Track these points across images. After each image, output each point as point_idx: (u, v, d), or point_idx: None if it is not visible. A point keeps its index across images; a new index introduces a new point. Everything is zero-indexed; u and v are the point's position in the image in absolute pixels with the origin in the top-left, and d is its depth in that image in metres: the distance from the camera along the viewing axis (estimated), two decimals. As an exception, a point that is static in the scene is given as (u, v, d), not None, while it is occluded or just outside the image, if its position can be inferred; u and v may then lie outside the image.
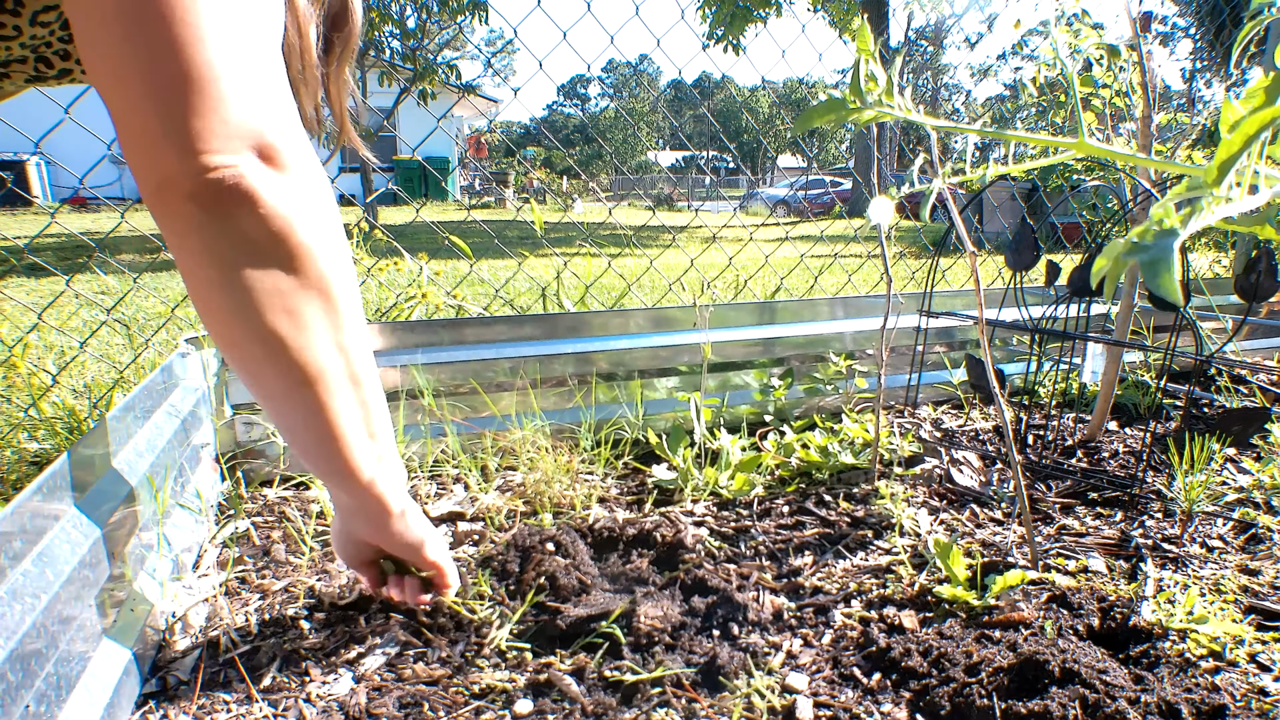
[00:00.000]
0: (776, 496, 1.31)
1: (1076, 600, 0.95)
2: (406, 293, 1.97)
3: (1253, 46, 0.96)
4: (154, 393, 1.05)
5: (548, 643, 0.88)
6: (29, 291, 3.57)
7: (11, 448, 1.36)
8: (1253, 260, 1.30)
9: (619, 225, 2.37)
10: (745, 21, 9.52)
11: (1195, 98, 15.34)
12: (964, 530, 1.20)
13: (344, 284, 0.66)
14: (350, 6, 0.78)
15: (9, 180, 1.53)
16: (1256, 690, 0.81)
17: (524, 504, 1.25)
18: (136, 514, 0.87)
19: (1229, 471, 1.43)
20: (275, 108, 0.59)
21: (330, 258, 0.64)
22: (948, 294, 1.86)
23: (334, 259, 0.64)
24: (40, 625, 0.62)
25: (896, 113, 0.49)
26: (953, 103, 46.49)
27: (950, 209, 1.04)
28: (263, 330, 0.60)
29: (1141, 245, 0.31)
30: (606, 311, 1.55)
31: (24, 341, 1.63)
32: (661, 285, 3.69)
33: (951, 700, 0.77)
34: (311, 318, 0.63)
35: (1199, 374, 2.09)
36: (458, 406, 1.44)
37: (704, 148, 40.94)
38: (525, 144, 38.15)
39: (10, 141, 11.58)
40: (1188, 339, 2.17)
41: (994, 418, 1.76)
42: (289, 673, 0.83)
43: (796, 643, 0.90)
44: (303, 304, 0.62)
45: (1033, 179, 6.42)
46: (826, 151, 42.36)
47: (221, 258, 0.58)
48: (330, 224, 0.65)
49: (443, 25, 11.09)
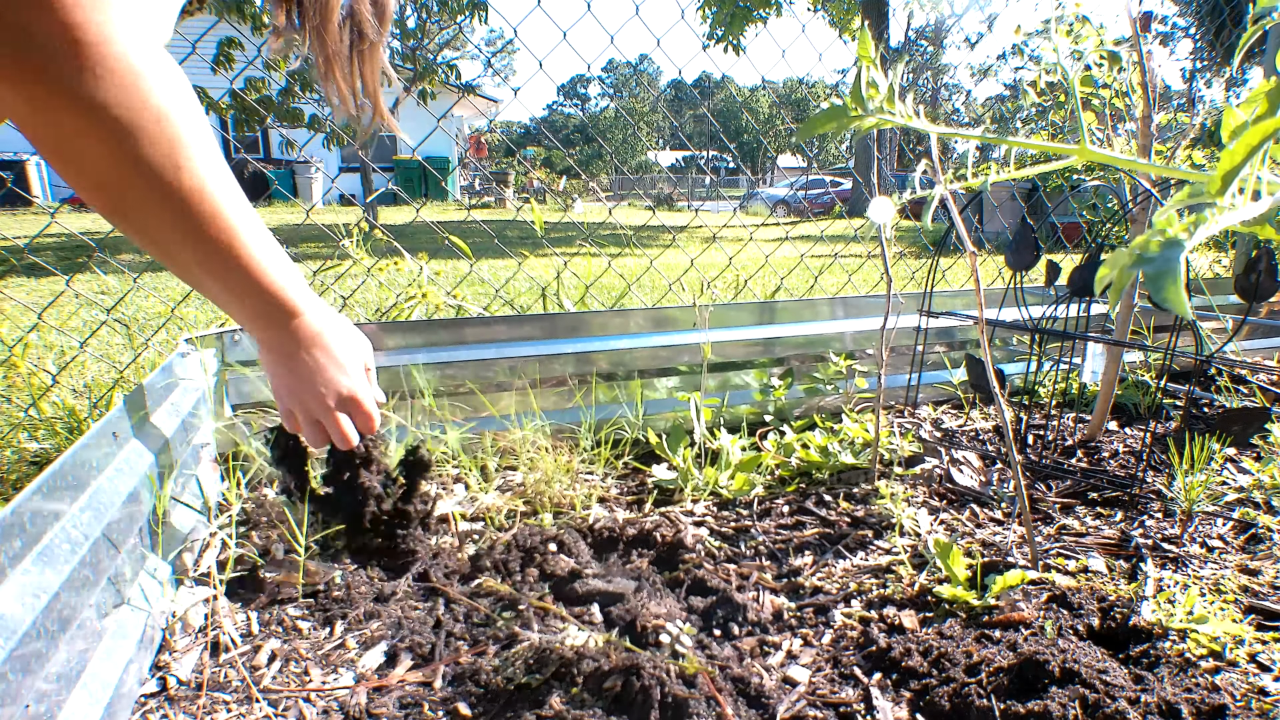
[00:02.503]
0: (776, 496, 1.31)
1: (1076, 600, 0.95)
2: (406, 293, 1.97)
3: (1256, 49, 0.96)
4: (154, 392, 1.05)
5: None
6: (29, 291, 3.57)
7: (11, 448, 1.36)
8: (1253, 260, 1.30)
9: (619, 225, 2.37)
10: (745, 21, 9.52)
11: (1195, 97, 15.34)
12: (964, 530, 1.20)
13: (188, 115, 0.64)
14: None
15: (9, 180, 1.53)
16: (1256, 690, 0.81)
17: (524, 504, 1.25)
18: (136, 514, 0.87)
19: (1229, 471, 1.43)
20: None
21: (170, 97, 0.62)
22: (948, 294, 1.86)
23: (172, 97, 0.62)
24: (40, 625, 0.62)
25: (898, 120, 0.49)
26: (953, 103, 46.48)
27: (950, 209, 1.04)
28: (98, 159, 0.59)
29: (1147, 257, 0.31)
30: (606, 311, 1.55)
31: (24, 341, 1.63)
32: (661, 285, 3.69)
33: (951, 700, 0.77)
34: (144, 133, 0.61)
35: (1199, 374, 2.09)
36: (458, 406, 1.44)
37: (704, 148, 40.92)
38: (525, 144, 38.14)
39: (10, 141, 11.58)
40: (1188, 339, 2.17)
41: (994, 418, 1.76)
42: (289, 673, 0.83)
43: (796, 642, 0.90)
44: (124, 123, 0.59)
45: (1033, 179, 6.42)
46: (827, 151, 42.35)
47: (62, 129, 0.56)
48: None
49: (443, 25, 11.09)
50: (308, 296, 0.81)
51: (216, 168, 0.67)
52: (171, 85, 0.62)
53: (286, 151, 11.58)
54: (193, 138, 0.64)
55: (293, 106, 6.15)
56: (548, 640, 0.84)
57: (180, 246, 0.68)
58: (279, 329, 0.80)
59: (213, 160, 0.66)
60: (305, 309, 0.80)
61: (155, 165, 0.62)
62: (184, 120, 0.63)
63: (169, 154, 0.62)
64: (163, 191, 0.63)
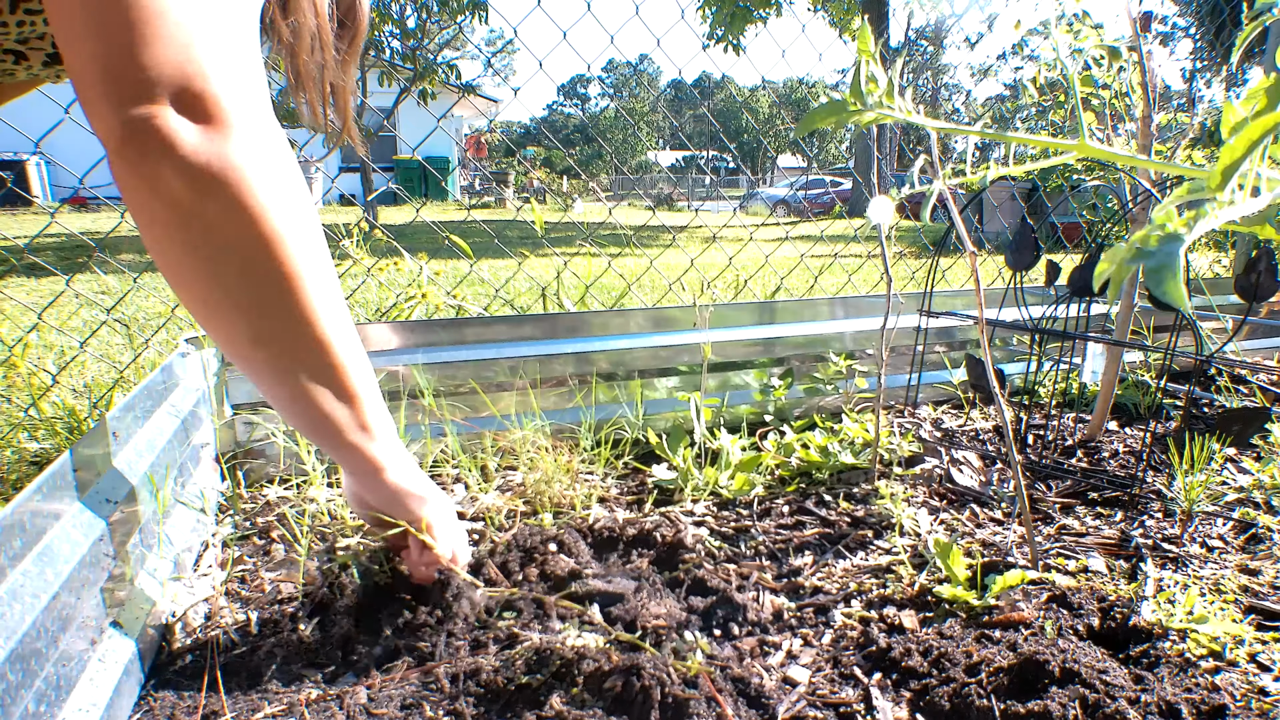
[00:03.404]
0: (776, 496, 1.31)
1: (1076, 600, 0.95)
2: (406, 292, 1.97)
3: (1255, 48, 0.96)
4: (154, 392, 1.05)
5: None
6: (29, 291, 3.57)
7: (11, 448, 1.35)
8: (1253, 260, 1.30)
9: (619, 225, 2.37)
10: (745, 21, 9.52)
11: (1195, 97, 15.33)
12: (964, 530, 1.20)
13: (305, 246, 0.63)
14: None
15: (9, 180, 1.53)
16: (1257, 690, 0.81)
17: (524, 504, 1.25)
18: (137, 514, 0.87)
19: (1229, 471, 1.43)
20: (217, 51, 0.53)
21: (287, 220, 0.60)
22: (948, 294, 1.86)
23: (291, 221, 0.61)
24: (40, 625, 0.62)
25: (897, 115, 0.49)
26: (952, 102, 46.47)
27: (950, 209, 1.04)
28: (210, 288, 0.58)
29: (1146, 251, 0.31)
30: (606, 311, 1.55)
31: (24, 341, 1.63)
32: (661, 285, 3.69)
33: (951, 700, 0.77)
34: (266, 275, 0.60)
35: (1199, 374, 2.09)
36: (458, 406, 1.44)
37: (704, 148, 40.90)
38: (525, 144, 38.14)
39: (10, 141, 11.58)
40: (1188, 339, 2.17)
41: (994, 417, 1.76)
42: (289, 672, 0.83)
43: (797, 642, 0.90)
44: (252, 262, 0.58)
45: (1033, 179, 6.42)
46: (826, 151, 42.33)
47: (153, 216, 0.54)
48: (290, 188, 0.62)
49: (443, 25, 11.09)
50: (392, 455, 0.81)
51: (306, 313, 0.64)
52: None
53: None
54: (296, 275, 0.62)
55: (292, 106, 6.15)
56: (548, 640, 0.84)
57: (265, 382, 0.67)
58: (360, 478, 0.82)
59: (307, 302, 0.64)
60: (386, 464, 0.81)
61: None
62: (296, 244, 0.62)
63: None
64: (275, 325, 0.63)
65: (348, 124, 0.85)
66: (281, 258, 0.60)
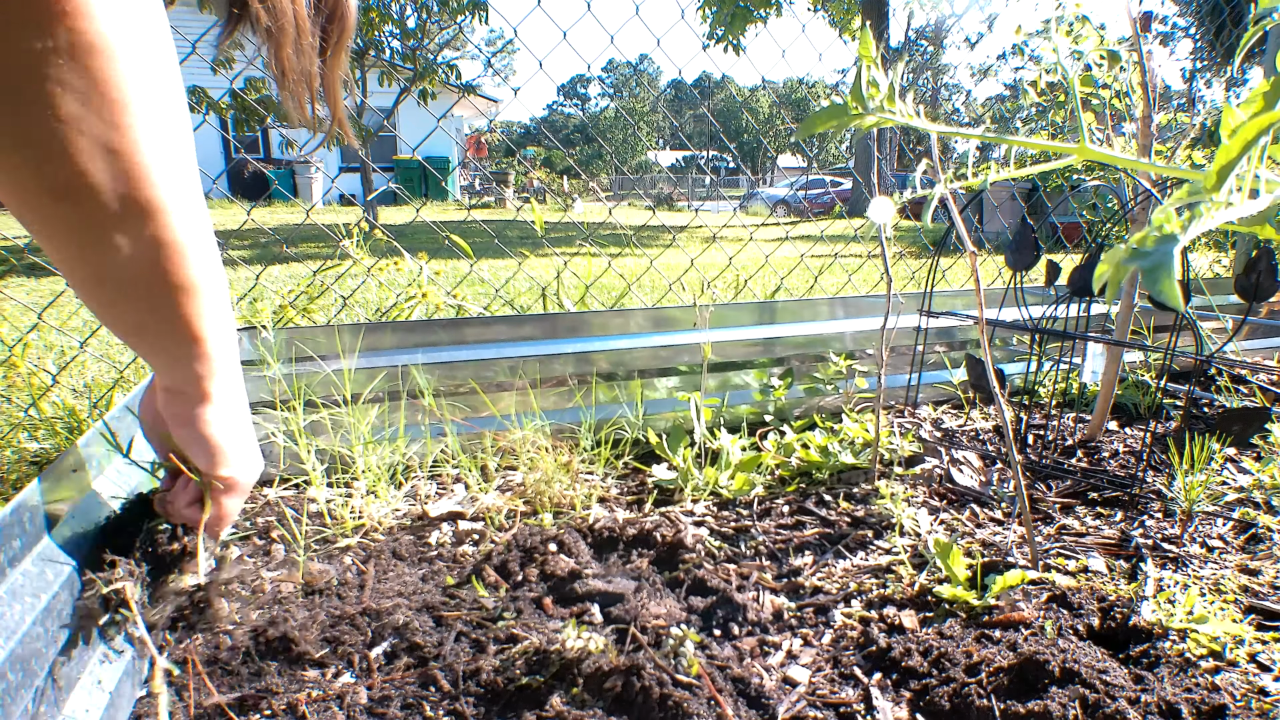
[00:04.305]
0: (776, 496, 1.31)
1: (1076, 600, 0.95)
2: (406, 292, 1.97)
3: (1256, 50, 0.96)
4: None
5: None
6: (29, 291, 3.57)
7: (11, 448, 1.36)
8: (1253, 260, 1.30)
9: (619, 225, 2.37)
10: (745, 21, 9.52)
11: (1195, 98, 15.33)
12: (964, 530, 1.20)
13: (137, 58, 0.48)
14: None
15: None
16: (1256, 690, 0.81)
17: (524, 504, 1.25)
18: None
19: (1229, 471, 1.43)
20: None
21: (111, 19, 0.45)
22: (948, 294, 1.86)
23: (117, 21, 0.46)
24: (41, 625, 0.62)
25: (898, 119, 0.49)
26: (953, 102, 46.49)
27: (950, 209, 1.04)
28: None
29: (1142, 251, 0.31)
30: (606, 311, 1.55)
31: (24, 341, 1.63)
32: (661, 285, 3.69)
33: (951, 700, 0.77)
34: (77, 95, 0.44)
35: (1199, 374, 2.09)
36: (458, 406, 1.44)
37: (704, 148, 40.90)
38: (525, 144, 38.12)
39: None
40: (1188, 339, 2.17)
41: (994, 418, 1.76)
42: (289, 672, 0.83)
43: (797, 642, 0.90)
44: (54, 77, 0.43)
45: (1033, 179, 6.42)
46: (827, 151, 42.33)
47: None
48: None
49: (443, 25, 11.09)
50: (222, 385, 0.65)
51: (118, 148, 0.48)
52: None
53: (286, 151, 11.58)
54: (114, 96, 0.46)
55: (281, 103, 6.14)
56: (548, 640, 0.84)
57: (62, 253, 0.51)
58: (169, 401, 0.65)
59: (120, 136, 0.48)
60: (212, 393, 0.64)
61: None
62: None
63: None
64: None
65: (339, 119, 0.82)
66: (101, 70, 0.46)
